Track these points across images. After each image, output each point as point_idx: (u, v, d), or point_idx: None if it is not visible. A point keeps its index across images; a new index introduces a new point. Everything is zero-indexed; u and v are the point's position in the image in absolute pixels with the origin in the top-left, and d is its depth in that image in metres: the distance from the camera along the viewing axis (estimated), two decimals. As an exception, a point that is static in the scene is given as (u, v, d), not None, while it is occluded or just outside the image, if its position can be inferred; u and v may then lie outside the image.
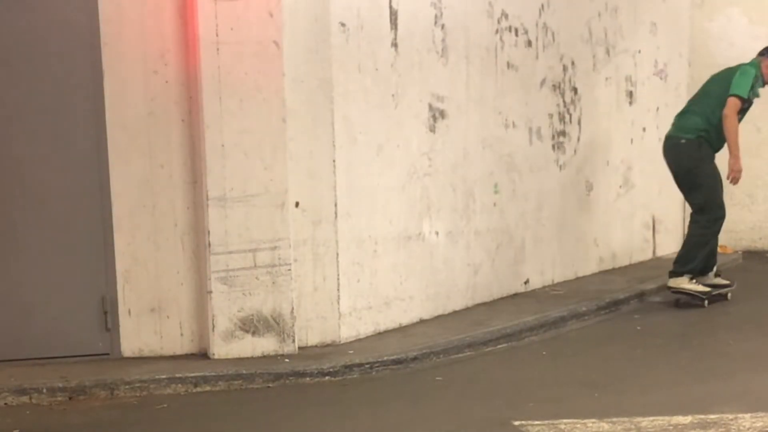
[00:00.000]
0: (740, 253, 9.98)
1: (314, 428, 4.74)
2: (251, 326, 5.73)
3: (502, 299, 7.45)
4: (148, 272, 5.80)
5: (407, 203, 6.55)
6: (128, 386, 5.32)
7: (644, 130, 9.18)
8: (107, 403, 5.21)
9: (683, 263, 7.43)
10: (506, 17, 7.34)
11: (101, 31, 5.64)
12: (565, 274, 8.26)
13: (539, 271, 7.94)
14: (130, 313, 5.81)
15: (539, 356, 6.11)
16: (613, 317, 7.27)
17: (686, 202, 7.78)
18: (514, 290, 7.65)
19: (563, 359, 6.02)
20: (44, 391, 5.25)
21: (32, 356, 5.71)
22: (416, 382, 5.52)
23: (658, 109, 9.34)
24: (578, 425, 4.54)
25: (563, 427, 4.52)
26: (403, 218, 6.51)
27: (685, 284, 7.43)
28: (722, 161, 7.35)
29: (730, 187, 7.58)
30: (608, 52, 8.63)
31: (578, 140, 8.32)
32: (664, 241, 9.63)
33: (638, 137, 9.12)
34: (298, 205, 5.87)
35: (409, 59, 6.47)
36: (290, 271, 5.76)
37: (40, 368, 5.55)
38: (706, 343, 6.37)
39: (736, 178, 7.28)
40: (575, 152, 8.29)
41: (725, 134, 7.18)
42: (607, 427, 4.51)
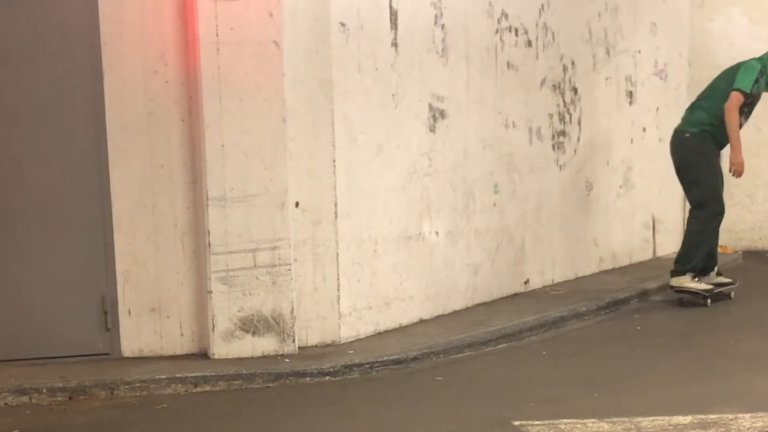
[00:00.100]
0: (740, 253, 9.97)
1: (314, 428, 4.74)
2: (251, 326, 5.73)
3: (502, 299, 7.45)
4: (148, 272, 5.80)
5: (407, 203, 6.55)
6: (128, 386, 5.32)
7: (644, 130, 9.17)
8: (107, 403, 5.21)
9: (684, 262, 7.44)
10: (506, 17, 7.33)
11: (101, 31, 5.64)
12: (565, 274, 8.25)
13: (539, 271, 7.94)
14: (130, 313, 5.81)
15: (539, 356, 6.11)
16: (613, 317, 7.26)
17: (686, 198, 7.77)
18: (514, 290, 7.64)
19: (563, 359, 6.02)
20: (44, 391, 5.25)
21: (32, 356, 5.71)
22: (416, 382, 5.52)
23: (658, 109, 9.33)
24: (578, 425, 4.54)
25: (563, 427, 4.52)
26: (403, 218, 6.51)
27: (687, 283, 7.43)
28: (726, 158, 7.34)
29: (730, 187, 7.58)
30: (608, 52, 8.63)
31: (578, 140, 8.31)
32: (664, 241, 9.62)
33: (638, 137, 9.12)
34: (298, 205, 5.87)
35: (409, 59, 6.47)
36: (290, 271, 5.76)
37: (40, 368, 5.54)
38: (706, 343, 6.37)
39: (738, 171, 7.27)
40: (575, 152, 8.28)
41: (726, 127, 7.19)
42: (607, 427, 4.51)
